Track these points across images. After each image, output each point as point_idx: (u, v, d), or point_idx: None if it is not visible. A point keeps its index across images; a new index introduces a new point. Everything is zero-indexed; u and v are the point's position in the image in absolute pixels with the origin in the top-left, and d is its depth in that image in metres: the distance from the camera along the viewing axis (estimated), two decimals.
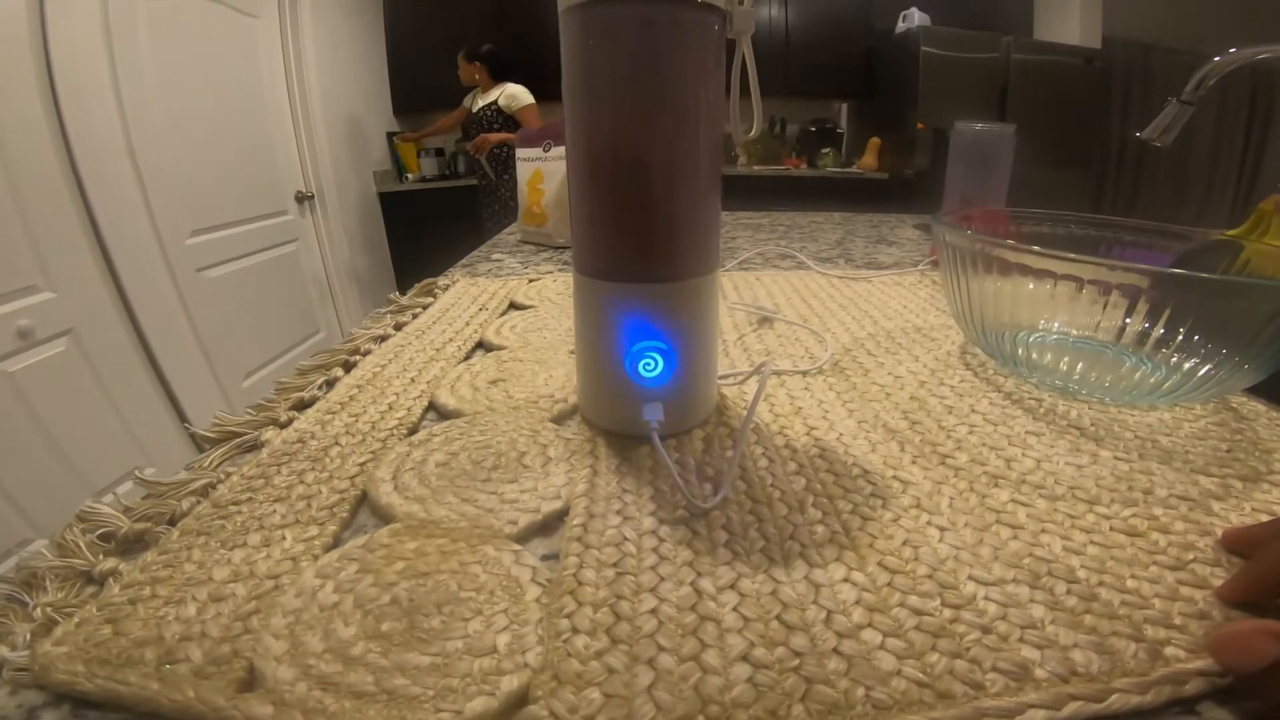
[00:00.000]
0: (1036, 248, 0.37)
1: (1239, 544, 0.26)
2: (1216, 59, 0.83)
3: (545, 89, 3.38)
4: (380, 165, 3.45)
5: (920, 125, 2.93)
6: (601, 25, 0.30)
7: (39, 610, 0.25)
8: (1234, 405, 0.41)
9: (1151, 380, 0.38)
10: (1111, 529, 0.28)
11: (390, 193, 3.42)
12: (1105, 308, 0.40)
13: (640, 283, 0.32)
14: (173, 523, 0.30)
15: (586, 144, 0.31)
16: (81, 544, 0.28)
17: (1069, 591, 0.24)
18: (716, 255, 0.35)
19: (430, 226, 3.43)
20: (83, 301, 1.68)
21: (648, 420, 0.31)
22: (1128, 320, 0.41)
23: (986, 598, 0.24)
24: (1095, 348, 0.44)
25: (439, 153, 3.55)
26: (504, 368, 0.45)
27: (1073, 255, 0.36)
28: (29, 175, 1.54)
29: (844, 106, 3.85)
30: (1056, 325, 0.45)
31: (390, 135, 3.58)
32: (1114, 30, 3.22)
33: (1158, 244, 0.51)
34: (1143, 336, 0.39)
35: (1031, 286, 0.40)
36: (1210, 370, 0.36)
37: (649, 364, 0.31)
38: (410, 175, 3.53)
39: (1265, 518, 0.29)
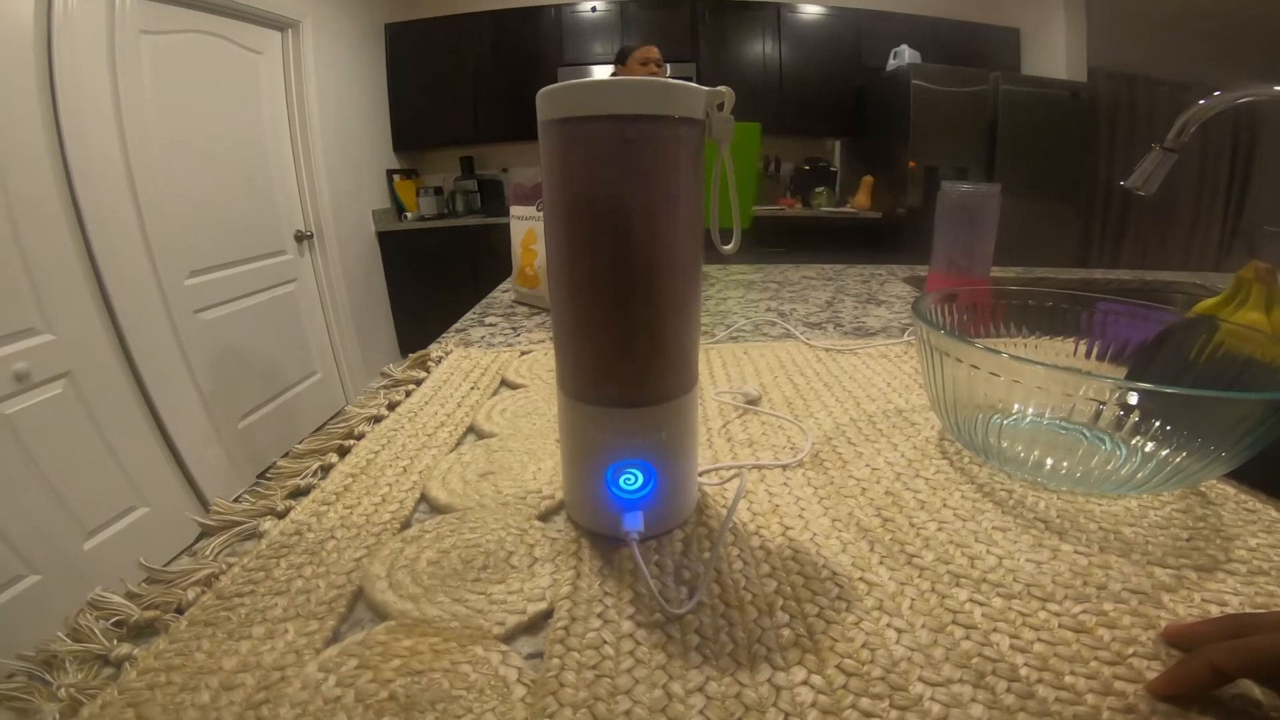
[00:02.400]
0: (1007, 354, 0.41)
1: (1180, 639, 0.30)
2: (1201, 102, 0.86)
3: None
4: (379, 204, 3.57)
5: (911, 164, 3.11)
6: (579, 142, 0.33)
7: (63, 691, 0.29)
8: (1203, 488, 0.45)
9: (1124, 471, 0.42)
10: (1060, 626, 0.32)
11: (389, 232, 3.54)
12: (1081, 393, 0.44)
13: (621, 407, 0.36)
14: (180, 611, 0.34)
15: (568, 267, 0.35)
16: (96, 630, 0.33)
17: (1009, 690, 0.28)
18: (696, 371, 0.39)
19: (428, 265, 3.57)
20: (81, 344, 1.78)
21: (628, 530, 0.36)
22: (1102, 407, 0.45)
23: (932, 698, 0.28)
24: (1071, 431, 0.48)
25: (437, 191, 3.69)
26: (494, 459, 0.50)
27: (1044, 363, 0.40)
28: (31, 217, 1.64)
29: (837, 144, 4.05)
30: (1031, 410, 0.50)
31: (390, 173, 3.72)
32: (1099, 63, 3.43)
33: (1139, 314, 0.56)
34: (1119, 422, 0.43)
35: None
36: (1185, 459, 0.38)
37: (629, 479, 0.36)
38: (409, 214, 3.66)
39: (1214, 609, 0.33)
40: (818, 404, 0.61)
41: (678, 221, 0.34)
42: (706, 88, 0.34)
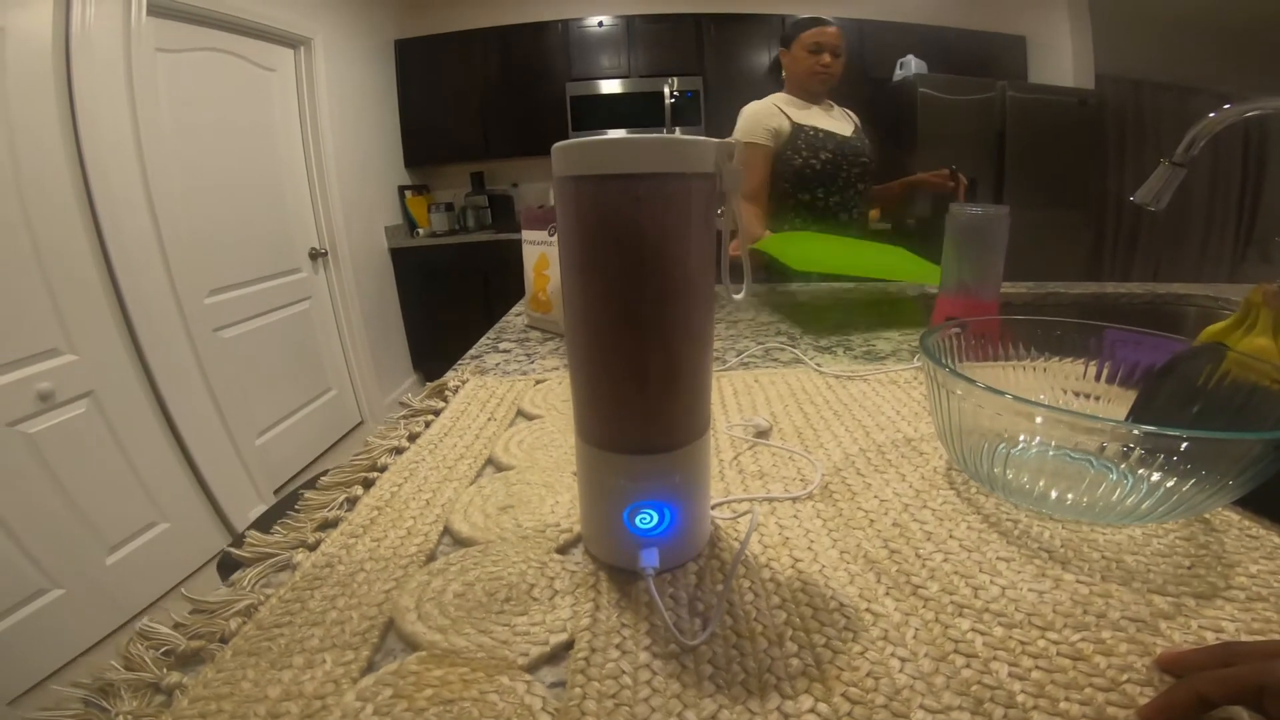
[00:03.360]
0: (1010, 395, 0.42)
1: (1173, 666, 0.32)
2: (1211, 115, 0.87)
3: (548, 144, 3.64)
4: (391, 220, 3.64)
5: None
6: (593, 199, 0.35)
7: (121, 718, 0.32)
8: (1207, 516, 0.47)
9: (1129, 501, 0.43)
10: (1058, 654, 0.34)
11: (401, 248, 3.61)
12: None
13: (638, 454, 0.38)
14: (224, 641, 0.37)
15: (584, 319, 0.38)
16: (147, 659, 0.35)
17: (1005, 716, 0.30)
18: (708, 416, 0.41)
19: (441, 282, 3.63)
20: (103, 364, 1.84)
21: (644, 567, 0.38)
22: (1105, 444, 0.46)
23: None
24: (1077, 460, 0.49)
25: (448, 207, 3.75)
26: (512, 492, 0.53)
27: (1047, 405, 0.42)
28: (53, 238, 1.70)
29: None
30: (1037, 440, 0.51)
31: (402, 189, 3.74)
32: (1106, 70, 3.46)
33: (1147, 341, 0.58)
34: (1124, 454, 0.43)
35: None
36: (1190, 489, 0.40)
37: (645, 518, 0.39)
38: (421, 230, 3.72)
39: (1210, 635, 0.35)
40: (827, 434, 0.63)
41: (691, 274, 0.36)
42: (716, 140, 0.35)
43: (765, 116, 1.68)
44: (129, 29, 1.91)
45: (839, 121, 1.75)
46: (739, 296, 0.40)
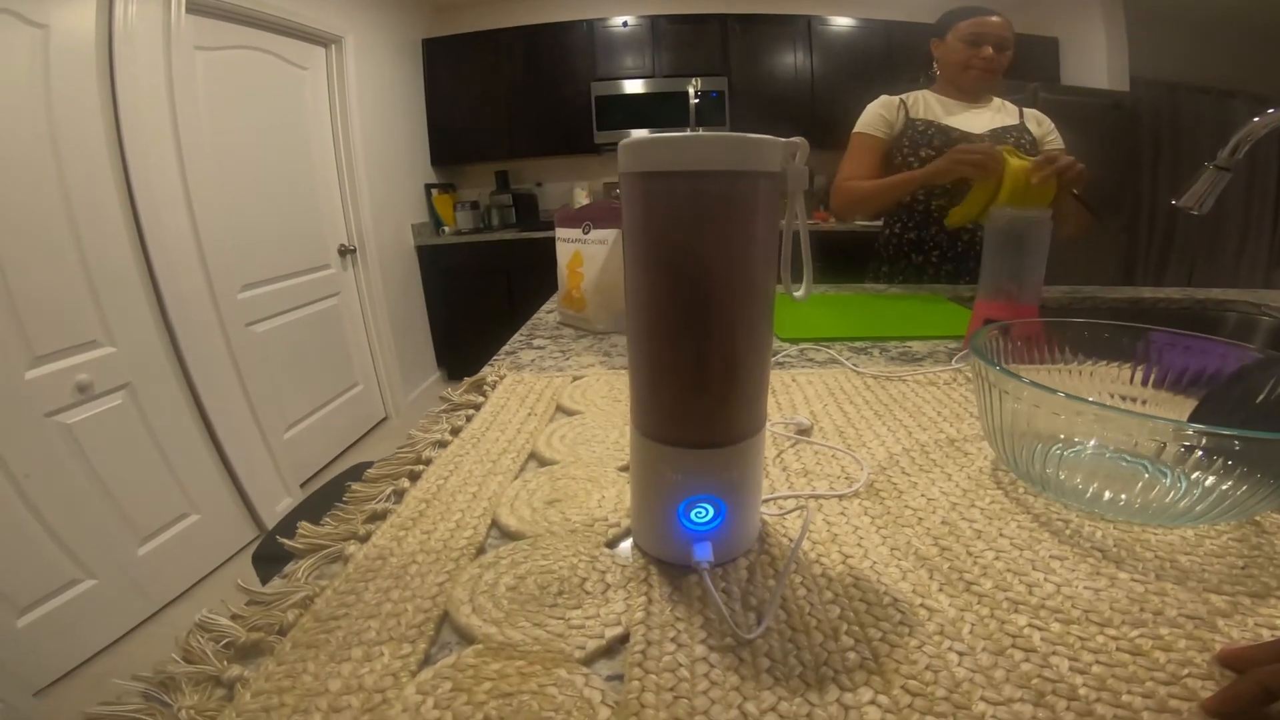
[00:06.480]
0: (1063, 394, 0.42)
1: (1234, 661, 0.32)
2: (1255, 120, 0.87)
3: (572, 143, 3.64)
4: (418, 218, 3.69)
5: None
6: (660, 196, 0.35)
7: (184, 713, 0.31)
8: (1258, 519, 0.46)
9: (1182, 504, 0.42)
10: (1118, 649, 0.33)
11: (427, 246, 3.66)
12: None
13: (696, 448, 0.39)
14: (282, 633, 0.37)
15: (647, 313, 0.38)
16: (208, 651, 0.35)
17: (1068, 708, 0.30)
18: (764, 412, 0.41)
19: (465, 279, 3.68)
20: (140, 357, 1.88)
21: (699, 560, 0.38)
22: (1165, 443, 0.45)
23: (994, 716, 0.30)
24: (1132, 463, 0.47)
25: (474, 205, 3.79)
26: (558, 486, 0.53)
27: (1098, 403, 0.41)
28: (95, 232, 1.74)
29: None
30: (1093, 442, 0.50)
31: (428, 187, 3.77)
32: (1140, 72, 3.39)
33: (1193, 344, 0.57)
34: (1181, 457, 0.41)
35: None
36: (1245, 493, 0.39)
37: (700, 513, 0.39)
38: (447, 228, 3.76)
39: (1266, 633, 0.35)
40: (869, 433, 0.62)
41: (754, 272, 0.36)
42: (783, 140, 0.35)
43: (882, 108, 1.55)
44: (169, 26, 1.95)
45: (988, 119, 1.52)
46: (799, 294, 0.40)
